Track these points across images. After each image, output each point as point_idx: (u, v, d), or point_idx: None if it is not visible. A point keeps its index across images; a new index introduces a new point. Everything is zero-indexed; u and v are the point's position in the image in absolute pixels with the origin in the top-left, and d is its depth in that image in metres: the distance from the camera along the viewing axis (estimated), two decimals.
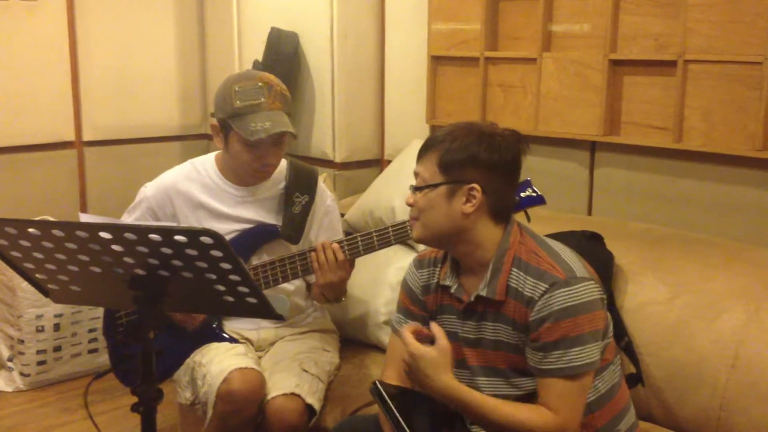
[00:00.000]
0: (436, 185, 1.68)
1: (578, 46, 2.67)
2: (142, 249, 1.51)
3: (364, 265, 2.30)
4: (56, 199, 3.69)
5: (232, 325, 2.33)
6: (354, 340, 2.58)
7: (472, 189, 1.66)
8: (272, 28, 3.34)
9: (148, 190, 2.34)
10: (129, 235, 1.48)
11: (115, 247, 1.51)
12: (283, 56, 3.27)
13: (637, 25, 2.51)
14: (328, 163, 3.37)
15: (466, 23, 2.95)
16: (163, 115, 4.00)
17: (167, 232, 1.46)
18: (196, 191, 2.30)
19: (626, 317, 2.19)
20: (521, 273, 1.67)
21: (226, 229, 2.25)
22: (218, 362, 2.13)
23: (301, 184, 2.32)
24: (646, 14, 2.49)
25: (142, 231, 1.47)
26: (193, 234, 1.45)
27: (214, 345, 2.24)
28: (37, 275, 1.68)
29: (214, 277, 1.56)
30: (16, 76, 3.54)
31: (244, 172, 2.26)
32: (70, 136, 3.74)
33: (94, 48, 3.73)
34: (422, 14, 3.09)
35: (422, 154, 1.73)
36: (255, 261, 2.25)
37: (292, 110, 2.25)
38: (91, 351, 3.44)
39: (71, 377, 3.40)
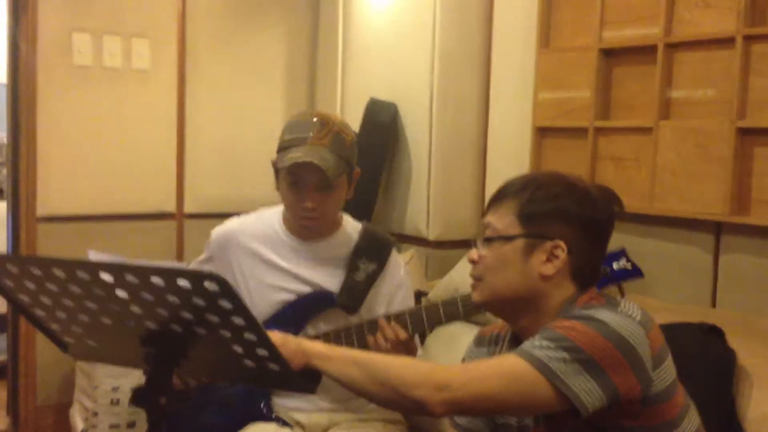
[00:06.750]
0: (512, 237, 1.42)
1: (701, 113, 2.37)
2: (148, 296, 1.32)
3: (435, 348, 2.02)
4: None
5: (283, 404, 2.08)
6: None
7: (556, 247, 1.40)
8: (370, 99, 3.21)
9: (213, 234, 2.23)
10: (131, 278, 1.30)
11: (120, 293, 1.34)
12: (380, 126, 3.12)
13: None
14: (421, 242, 3.15)
15: (575, 91, 2.70)
16: (266, 189, 3.89)
17: (169, 276, 1.26)
18: (255, 241, 2.14)
19: (750, 430, 1.79)
20: None
21: (282, 287, 2.08)
22: None
23: (371, 250, 2.09)
24: None
25: (142, 273, 1.29)
26: (196, 278, 1.25)
27: (261, 426, 2.00)
28: (51, 325, 1.53)
29: (228, 335, 1.35)
30: (124, 145, 3.57)
31: (291, 216, 2.10)
32: (171, 207, 3.71)
33: (202, 119, 3.72)
34: (528, 83, 2.87)
35: (497, 201, 1.47)
36: (311, 331, 2.02)
37: (351, 157, 2.06)
38: None
39: None
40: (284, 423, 2.03)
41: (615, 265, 1.79)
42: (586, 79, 2.66)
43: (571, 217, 1.41)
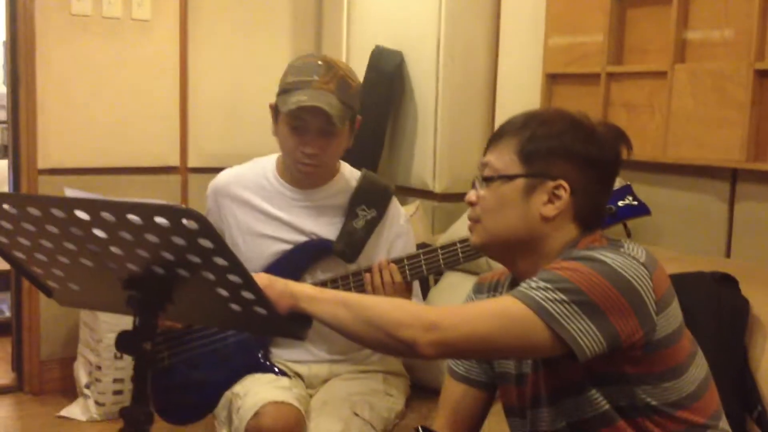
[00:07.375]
0: (512, 177, 1.34)
1: (718, 55, 2.25)
2: (126, 236, 1.26)
3: (437, 300, 1.95)
4: None
5: (282, 355, 2.03)
6: (426, 386, 2.21)
7: (558, 187, 1.32)
8: (375, 46, 3.11)
9: (209, 187, 2.17)
10: (107, 216, 1.23)
11: (97, 233, 1.27)
12: (384, 75, 3.03)
13: None
14: (427, 194, 3.06)
15: (587, 35, 2.59)
16: (271, 142, 3.82)
17: (146, 213, 1.20)
18: (248, 191, 2.08)
19: (762, 382, 1.72)
20: None
21: (278, 237, 2.02)
22: (254, 394, 1.85)
23: (371, 197, 2.02)
24: None
25: (118, 210, 1.22)
26: (173, 215, 1.18)
27: (257, 376, 1.95)
28: (32, 268, 1.48)
29: (212, 277, 1.28)
30: (126, 96, 3.49)
31: (290, 162, 2.02)
32: (175, 161, 3.64)
33: (205, 71, 3.63)
34: (539, 28, 2.76)
35: (496, 139, 1.40)
36: (309, 280, 1.95)
37: (355, 104, 1.99)
38: None
39: None
40: (283, 374, 1.98)
41: (620, 203, 1.70)
42: (599, 23, 2.55)
43: (574, 155, 1.33)
